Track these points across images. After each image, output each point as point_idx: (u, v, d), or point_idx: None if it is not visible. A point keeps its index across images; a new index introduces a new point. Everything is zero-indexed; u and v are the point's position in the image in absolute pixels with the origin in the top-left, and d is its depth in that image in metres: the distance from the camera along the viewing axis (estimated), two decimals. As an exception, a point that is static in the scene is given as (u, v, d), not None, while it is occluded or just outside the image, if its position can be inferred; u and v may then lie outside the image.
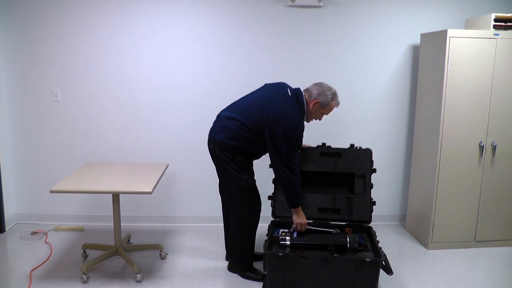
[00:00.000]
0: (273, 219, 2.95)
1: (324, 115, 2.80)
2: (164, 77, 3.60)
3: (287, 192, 2.67)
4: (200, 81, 3.61)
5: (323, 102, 2.66)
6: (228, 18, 3.55)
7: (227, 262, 3.06)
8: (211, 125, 2.87)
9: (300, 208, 2.73)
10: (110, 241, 3.21)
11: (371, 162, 2.96)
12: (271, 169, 2.99)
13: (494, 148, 3.28)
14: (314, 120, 2.81)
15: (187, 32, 3.55)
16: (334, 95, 2.70)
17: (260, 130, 2.61)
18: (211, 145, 2.79)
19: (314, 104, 2.68)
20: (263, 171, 3.09)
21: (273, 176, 2.99)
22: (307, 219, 2.91)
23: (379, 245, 2.63)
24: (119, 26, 3.51)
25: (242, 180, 2.73)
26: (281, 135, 2.54)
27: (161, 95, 3.63)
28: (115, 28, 3.51)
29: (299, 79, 3.63)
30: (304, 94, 2.70)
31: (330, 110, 2.73)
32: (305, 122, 2.75)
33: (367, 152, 2.97)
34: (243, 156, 2.72)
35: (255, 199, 2.84)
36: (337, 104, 2.76)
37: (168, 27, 3.53)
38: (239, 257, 2.92)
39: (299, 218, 2.73)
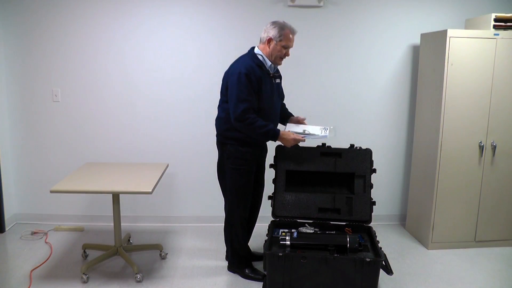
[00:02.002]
0: (273, 219, 2.95)
1: (290, 50, 2.71)
2: (164, 77, 3.60)
3: (256, 137, 2.67)
4: (200, 81, 3.61)
5: (274, 36, 2.63)
6: (228, 18, 3.55)
7: (227, 262, 3.06)
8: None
9: (280, 135, 2.67)
10: (110, 241, 3.20)
11: (371, 162, 2.96)
12: (271, 169, 3.01)
13: (494, 148, 3.28)
14: (283, 59, 2.72)
15: (187, 33, 3.55)
16: (282, 24, 2.64)
17: None
18: (216, 142, 2.89)
19: (268, 42, 2.66)
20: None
21: (273, 176, 3.00)
22: (307, 219, 2.91)
23: (379, 245, 2.63)
24: (119, 26, 3.51)
25: (234, 177, 2.77)
26: (231, 76, 2.62)
27: (161, 95, 3.63)
28: (115, 28, 3.51)
29: (299, 79, 3.63)
30: (256, 46, 2.74)
31: (288, 40, 2.64)
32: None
33: (367, 152, 2.97)
34: (233, 144, 2.72)
35: (246, 198, 2.84)
36: (293, 31, 2.67)
37: (168, 28, 3.53)
38: (231, 256, 2.96)
39: (289, 142, 2.70)
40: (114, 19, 3.50)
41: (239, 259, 2.94)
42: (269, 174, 3.03)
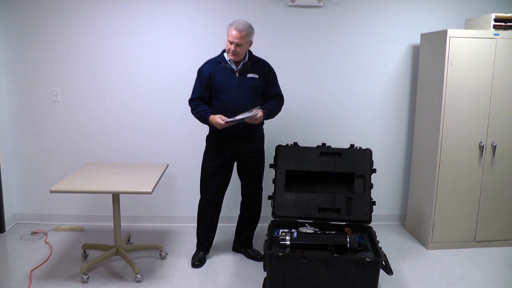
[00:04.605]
0: (273, 219, 2.95)
1: (239, 46, 2.79)
2: (164, 77, 3.60)
3: (200, 121, 2.92)
4: (200, 81, 3.61)
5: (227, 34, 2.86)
6: (228, 18, 3.52)
7: (227, 261, 3.06)
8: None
9: (210, 119, 2.81)
10: (110, 241, 3.20)
11: (371, 162, 2.96)
12: (271, 169, 3.01)
13: (494, 148, 3.28)
14: (234, 54, 2.80)
15: (187, 33, 3.55)
16: (232, 22, 2.82)
17: None
18: None
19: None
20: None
21: (273, 176, 3.00)
22: (307, 219, 2.92)
23: (379, 245, 2.63)
24: (119, 26, 3.51)
25: (202, 161, 3.02)
26: None
27: (161, 95, 3.63)
28: (115, 29, 3.51)
29: (299, 79, 3.63)
30: None
31: (229, 35, 2.79)
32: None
33: (367, 152, 2.98)
34: (210, 131, 2.98)
35: (206, 185, 3.02)
36: (236, 26, 2.76)
37: (168, 28, 3.53)
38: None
39: (217, 124, 2.78)
40: (114, 19, 3.50)
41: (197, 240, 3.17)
42: (269, 174, 3.03)
